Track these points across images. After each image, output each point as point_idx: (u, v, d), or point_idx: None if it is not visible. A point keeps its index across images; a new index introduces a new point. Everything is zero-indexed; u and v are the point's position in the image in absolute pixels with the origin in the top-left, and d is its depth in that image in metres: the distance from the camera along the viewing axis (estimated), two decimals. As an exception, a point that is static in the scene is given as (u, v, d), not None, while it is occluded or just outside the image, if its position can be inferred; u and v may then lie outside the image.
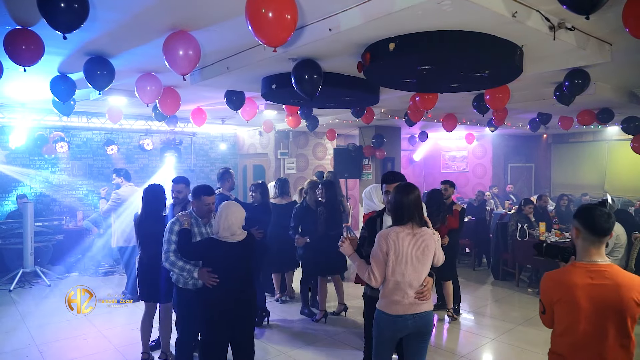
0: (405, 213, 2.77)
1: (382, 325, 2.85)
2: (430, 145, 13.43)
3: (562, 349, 2.13)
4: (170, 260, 3.44)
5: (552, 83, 5.45)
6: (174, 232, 3.46)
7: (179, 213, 3.64)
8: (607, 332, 2.00)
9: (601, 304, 2.00)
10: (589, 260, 2.06)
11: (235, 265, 3.21)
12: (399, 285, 2.76)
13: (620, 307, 1.98)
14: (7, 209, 8.41)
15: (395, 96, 6.06)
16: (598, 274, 2.03)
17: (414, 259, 2.77)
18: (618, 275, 2.03)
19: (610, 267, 2.07)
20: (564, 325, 2.10)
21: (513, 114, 8.05)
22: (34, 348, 4.69)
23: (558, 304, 2.10)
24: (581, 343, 2.04)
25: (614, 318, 1.99)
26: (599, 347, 2.01)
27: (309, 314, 5.54)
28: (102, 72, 4.21)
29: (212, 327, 3.19)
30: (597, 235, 2.06)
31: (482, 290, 7.11)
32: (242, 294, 3.24)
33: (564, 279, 2.09)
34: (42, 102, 6.79)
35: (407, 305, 2.78)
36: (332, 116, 8.63)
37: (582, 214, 2.12)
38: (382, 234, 2.78)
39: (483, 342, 4.93)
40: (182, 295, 3.62)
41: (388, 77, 4.00)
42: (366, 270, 2.82)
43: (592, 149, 11.87)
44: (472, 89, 4.86)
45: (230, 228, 3.13)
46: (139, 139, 9.60)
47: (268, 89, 4.65)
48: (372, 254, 2.80)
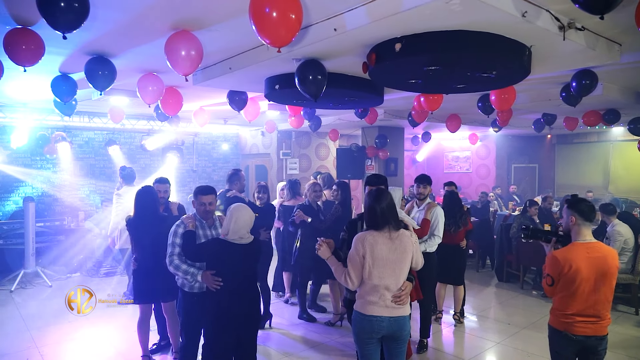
0: (380, 220, 2.79)
1: (358, 325, 2.86)
2: (433, 145, 13.35)
3: (561, 306, 2.82)
4: (174, 264, 3.40)
5: (559, 84, 5.38)
6: (178, 235, 3.42)
7: (184, 216, 3.60)
8: (599, 290, 2.76)
9: (597, 270, 2.73)
10: (584, 240, 2.80)
11: (241, 268, 3.18)
12: (376, 288, 2.77)
13: (609, 271, 2.75)
14: (8, 209, 8.38)
15: (399, 97, 6.00)
16: (592, 249, 2.78)
17: (392, 262, 2.78)
18: (604, 249, 2.82)
19: (598, 243, 2.83)
20: (570, 290, 2.75)
21: (517, 115, 7.97)
22: (34, 350, 4.66)
23: (565, 274, 2.74)
24: (582, 299, 2.75)
25: (604, 279, 2.75)
26: (594, 301, 2.76)
27: (308, 318, 5.47)
28: (104, 72, 4.16)
29: (217, 330, 3.15)
30: (589, 221, 2.81)
31: (486, 292, 7.06)
32: (246, 296, 3.21)
33: (570, 255, 2.75)
34: (44, 101, 6.75)
35: (384, 308, 2.79)
36: (334, 116, 8.58)
37: (578, 206, 2.82)
38: (359, 237, 2.80)
39: (487, 346, 4.88)
40: (187, 300, 3.56)
41: (393, 77, 3.94)
42: (343, 273, 2.84)
43: (596, 149, 11.79)
44: (478, 89, 4.80)
45: (239, 231, 3.12)
46: (141, 138, 9.56)
47: (271, 89, 4.59)
48: (349, 256, 2.82)
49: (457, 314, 5.53)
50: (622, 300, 6.08)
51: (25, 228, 7.08)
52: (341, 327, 5.29)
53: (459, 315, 5.52)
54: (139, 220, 4.07)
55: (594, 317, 2.76)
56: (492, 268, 8.31)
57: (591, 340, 2.77)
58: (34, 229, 7.12)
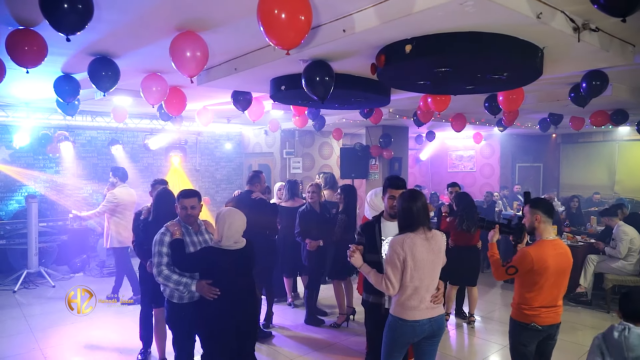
0: (415, 220, 2.79)
1: (398, 331, 2.82)
2: (437, 144, 13.24)
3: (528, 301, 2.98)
4: (164, 275, 3.16)
5: (568, 84, 5.31)
6: (164, 244, 3.19)
7: (168, 222, 3.36)
8: (561, 284, 3.01)
9: (561, 265, 2.96)
10: (550, 237, 2.99)
11: (237, 274, 3.09)
12: (417, 291, 2.76)
13: (569, 265, 3.00)
14: (11, 209, 8.34)
15: (405, 96, 5.92)
16: (557, 246, 3.00)
17: (430, 263, 2.80)
18: (564, 245, 3.06)
19: (559, 240, 3.08)
20: (536, 284, 2.92)
21: (523, 114, 7.88)
22: (38, 352, 4.63)
23: (533, 270, 2.90)
24: (547, 292, 2.95)
25: (565, 273, 3.00)
26: (555, 292, 2.98)
27: (316, 322, 5.40)
28: (107, 73, 4.10)
29: (216, 339, 3.07)
30: (551, 218, 3.02)
31: (492, 293, 7.01)
32: (245, 302, 3.13)
33: (540, 253, 2.92)
34: (46, 101, 6.70)
35: (424, 310, 2.80)
36: (339, 116, 8.51)
37: (541, 206, 3.02)
38: (397, 241, 2.77)
39: (494, 349, 4.82)
40: (177, 311, 3.33)
41: (402, 79, 3.87)
42: (382, 279, 2.79)
43: (602, 149, 11.69)
44: (488, 91, 4.73)
45: (233, 236, 3.04)
46: (144, 138, 9.51)
47: (277, 90, 4.52)
48: (388, 261, 2.77)
49: (472, 316, 5.52)
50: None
51: (28, 228, 7.04)
52: (347, 328, 5.24)
53: (475, 317, 5.52)
54: (157, 223, 3.84)
55: (554, 307, 3.01)
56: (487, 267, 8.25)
57: (552, 328, 3.02)
58: (36, 229, 7.08)
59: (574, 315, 5.84)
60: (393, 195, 3.11)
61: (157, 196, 4.05)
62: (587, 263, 6.35)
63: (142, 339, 4.49)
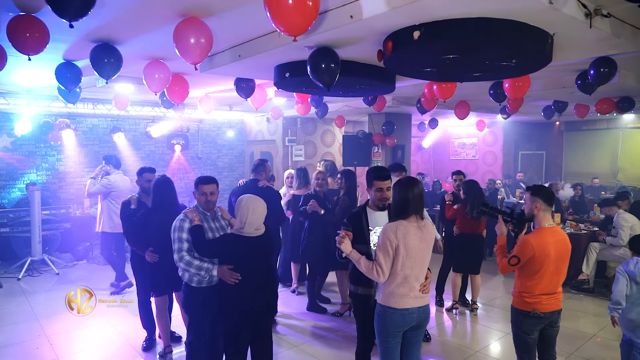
0: (411, 207, 2.77)
1: (388, 320, 2.80)
2: (440, 132, 13.18)
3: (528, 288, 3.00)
4: (185, 260, 3.21)
5: (574, 71, 5.25)
6: (184, 230, 3.24)
7: (186, 209, 3.39)
8: (560, 269, 3.02)
9: (560, 252, 2.99)
10: (549, 225, 3.02)
11: (258, 260, 3.11)
12: (407, 279, 2.75)
13: (567, 252, 3.04)
14: (14, 197, 8.34)
15: (410, 84, 5.87)
16: (556, 232, 3.03)
17: (422, 252, 2.79)
18: (562, 232, 3.10)
19: (557, 227, 3.11)
20: (537, 271, 2.94)
21: (528, 102, 7.82)
22: (44, 339, 4.65)
23: (534, 257, 2.92)
24: (547, 279, 2.97)
25: (564, 259, 3.03)
26: (555, 279, 3.01)
27: (318, 310, 5.42)
28: (110, 60, 4.06)
29: (235, 324, 3.09)
30: (550, 205, 3.03)
31: (494, 281, 7.02)
32: (263, 288, 3.16)
33: (540, 240, 2.95)
34: (48, 88, 6.66)
35: (413, 299, 2.79)
36: (341, 103, 8.45)
37: (541, 193, 3.03)
38: (390, 228, 2.74)
39: (497, 336, 4.84)
40: (196, 296, 3.37)
41: (409, 66, 3.82)
42: (372, 266, 2.76)
43: (605, 136, 11.64)
44: (495, 78, 4.67)
45: (256, 223, 3.04)
46: (146, 125, 9.47)
47: (281, 77, 4.47)
48: (380, 247, 2.74)
49: (475, 303, 5.57)
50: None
51: (32, 216, 7.04)
52: (349, 317, 5.26)
53: (477, 305, 5.57)
54: (157, 211, 3.90)
55: (555, 294, 3.03)
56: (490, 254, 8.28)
57: (554, 315, 3.04)
58: (39, 217, 7.07)
59: (576, 302, 5.85)
60: (380, 188, 3.05)
61: (157, 184, 4.01)
62: (589, 251, 6.36)
63: (146, 328, 4.52)
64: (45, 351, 4.40)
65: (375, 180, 3.07)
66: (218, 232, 3.38)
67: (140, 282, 4.42)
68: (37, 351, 4.40)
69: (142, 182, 4.49)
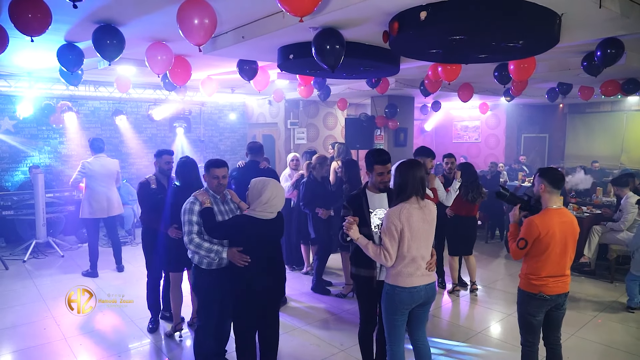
0: (411, 189, 2.83)
1: (396, 299, 2.86)
2: (442, 114, 13.08)
3: (535, 270, 3.02)
4: (195, 243, 3.23)
5: (580, 53, 5.19)
6: (194, 213, 3.26)
7: (197, 192, 3.41)
8: (567, 251, 3.02)
9: (566, 234, 2.99)
10: (557, 206, 3.03)
11: (269, 243, 3.13)
12: (414, 260, 2.82)
13: (574, 234, 3.04)
14: (17, 180, 8.36)
15: (413, 65, 5.82)
16: (562, 214, 3.04)
17: (425, 232, 2.85)
18: (569, 214, 3.10)
19: (565, 209, 3.11)
20: (544, 253, 2.96)
21: (532, 84, 7.75)
22: (51, 320, 4.72)
23: (541, 238, 2.95)
24: (554, 261, 2.99)
25: (571, 242, 3.03)
26: (562, 261, 3.02)
27: (323, 291, 5.49)
28: (112, 41, 4.01)
29: (244, 306, 3.13)
30: (557, 188, 3.02)
31: (496, 263, 7.08)
32: (273, 271, 3.18)
33: (547, 220, 2.97)
34: (49, 70, 6.60)
35: (420, 277, 2.87)
36: (344, 85, 8.39)
37: (548, 175, 3.02)
38: (394, 213, 2.79)
39: (498, 318, 4.90)
40: (205, 277, 3.39)
41: (414, 47, 3.77)
42: (380, 251, 2.81)
43: (609, 119, 11.56)
44: (501, 59, 4.63)
45: (275, 206, 3.06)
46: (148, 108, 9.42)
47: (285, 59, 4.43)
48: (386, 232, 2.79)
49: (475, 284, 5.64)
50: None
51: (35, 198, 7.06)
52: (353, 297, 5.32)
53: (477, 286, 5.64)
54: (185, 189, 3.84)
55: (562, 276, 3.03)
56: (501, 239, 8.32)
57: (561, 298, 3.06)
58: (43, 199, 7.10)
59: (577, 285, 5.90)
60: (381, 172, 3.08)
61: (184, 164, 4.08)
62: (592, 233, 6.37)
63: (151, 308, 4.59)
64: (52, 331, 4.47)
65: (376, 165, 3.09)
66: (227, 215, 3.40)
67: (152, 261, 4.48)
68: (44, 331, 4.47)
69: (161, 163, 4.48)
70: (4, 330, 4.51)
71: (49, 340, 4.30)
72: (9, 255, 7.05)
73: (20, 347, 4.19)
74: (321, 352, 4.08)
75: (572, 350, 4.01)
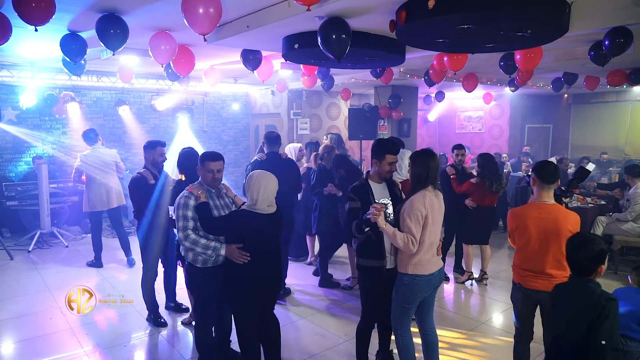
0: (430, 177, 2.93)
1: (417, 288, 2.94)
2: (446, 105, 13.02)
3: (518, 262, 3.02)
4: (190, 239, 3.06)
5: (588, 42, 5.13)
6: (189, 208, 3.07)
7: (191, 185, 3.22)
8: (548, 249, 2.87)
9: (544, 230, 2.87)
10: (540, 201, 2.95)
11: (269, 238, 3.06)
12: (431, 246, 2.94)
13: (558, 233, 2.83)
14: (21, 170, 8.36)
15: (418, 55, 5.77)
16: (544, 210, 2.91)
17: (440, 219, 3.00)
18: (558, 212, 2.90)
19: (555, 206, 2.94)
20: (521, 245, 2.98)
21: (537, 74, 7.68)
22: (56, 310, 4.74)
23: (517, 229, 2.99)
24: (530, 256, 2.94)
25: (553, 240, 2.84)
26: (542, 258, 2.89)
27: (332, 285, 5.44)
28: (116, 30, 3.98)
29: (240, 301, 3.07)
30: (546, 183, 2.91)
31: (499, 254, 7.07)
32: (272, 267, 3.13)
33: (521, 212, 2.99)
34: (51, 60, 6.57)
35: (435, 263, 3.00)
36: (348, 75, 8.33)
37: (539, 169, 2.95)
38: (418, 200, 2.88)
39: (502, 308, 4.90)
40: (201, 276, 3.22)
41: (421, 36, 3.72)
42: (407, 239, 2.83)
43: (614, 109, 11.49)
44: (508, 49, 4.57)
45: (268, 198, 2.97)
46: (150, 98, 9.38)
47: (290, 49, 4.39)
48: (413, 219, 2.84)
49: (485, 273, 5.68)
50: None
51: (39, 189, 7.07)
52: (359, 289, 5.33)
53: (487, 275, 5.69)
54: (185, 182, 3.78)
55: (542, 274, 2.91)
56: (504, 230, 8.31)
57: (543, 296, 2.89)
58: (47, 190, 7.11)
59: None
60: (392, 162, 3.11)
61: (188, 156, 3.93)
62: (596, 224, 6.35)
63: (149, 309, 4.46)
64: (58, 321, 4.49)
65: (389, 154, 3.11)
66: (223, 210, 3.24)
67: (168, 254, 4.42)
68: (50, 321, 4.49)
69: (155, 155, 4.31)
70: (10, 320, 4.54)
71: (55, 330, 4.33)
72: (13, 245, 7.07)
73: (26, 336, 4.22)
74: (326, 342, 4.09)
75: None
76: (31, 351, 3.95)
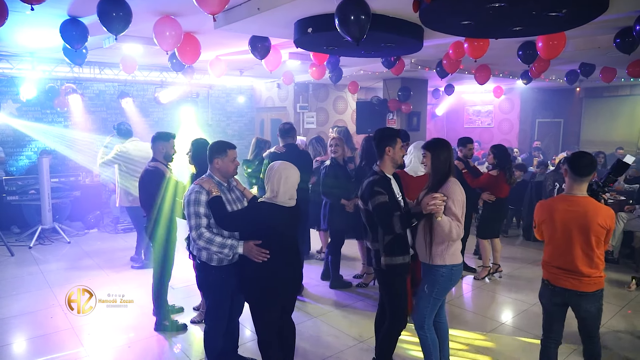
0: (452, 165, 2.97)
1: (453, 278, 2.97)
2: (454, 99, 12.75)
3: (548, 258, 2.87)
4: (205, 238, 2.83)
5: (614, 28, 4.90)
6: (201, 204, 2.85)
7: (200, 179, 3.00)
8: (574, 244, 2.71)
9: (572, 224, 2.71)
10: (570, 193, 2.77)
11: (287, 232, 2.87)
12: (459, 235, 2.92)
13: (586, 228, 2.67)
14: (22, 164, 8.17)
15: (434, 43, 5.53)
16: (574, 203, 2.74)
17: None
18: (588, 205, 2.71)
19: (587, 199, 2.74)
20: (548, 238, 2.84)
21: (552, 65, 7.41)
22: (58, 308, 4.56)
23: (544, 222, 2.84)
24: (558, 251, 2.79)
25: (581, 235, 2.69)
26: (570, 254, 2.74)
27: (344, 285, 5.20)
28: (118, 13, 3.76)
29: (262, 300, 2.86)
30: (579, 175, 2.73)
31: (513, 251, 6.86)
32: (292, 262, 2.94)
33: (548, 205, 2.85)
34: (52, 50, 6.36)
35: None
36: (356, 67, 8.10)
37: (571, 159, 2.77)
38: (458, 186, 2.90)
39: (524, 308, 4.69)
40: (216, 275, 3.01)
41: (446, 17, 3.48)
42: (455, 226, 2.82)
43: (627, 103, 11.21)
44: (535, 33, 4.32)
45: (289, 190, 2.78)
46: (154, 91, 9.17)
47: (302, 33, 4.15)
48: (456, 205, 2.85)
49: (499, 266, 5.59)
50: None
51: (41, 184, 6.88)
52: (374, 286, 5.11)
53: (501, 268, 5.61)
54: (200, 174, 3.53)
55: (573, 272, 2.75)
56: (517, 226, 8.12)
57: (571, 295, 2.77)
58: (49, 185, 6.92)
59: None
60: (403, 146, 3.15)
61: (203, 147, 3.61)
62: (616, 221, 6.13)
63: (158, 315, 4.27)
64: (59, 320, 4.31)
65: (399, 138, 3.08)
66: (235, 204, 3.01)
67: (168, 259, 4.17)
68: (51, 320, 4.32)
69: (167, 148, 4.08)
70: (11, 319, 4.36)
71: (56, 329, 4.14)
72: (14, 241, 6.89)
73: (26, 336, 4.05)
74: (339, 344, 3.88)
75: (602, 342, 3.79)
76: (33, 350, 3.81)
